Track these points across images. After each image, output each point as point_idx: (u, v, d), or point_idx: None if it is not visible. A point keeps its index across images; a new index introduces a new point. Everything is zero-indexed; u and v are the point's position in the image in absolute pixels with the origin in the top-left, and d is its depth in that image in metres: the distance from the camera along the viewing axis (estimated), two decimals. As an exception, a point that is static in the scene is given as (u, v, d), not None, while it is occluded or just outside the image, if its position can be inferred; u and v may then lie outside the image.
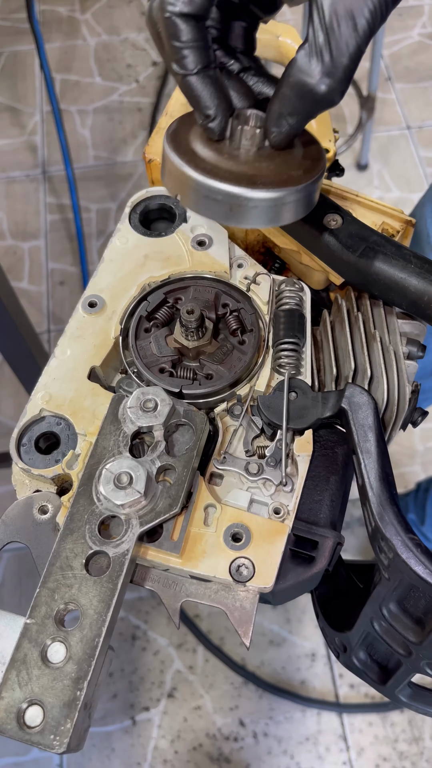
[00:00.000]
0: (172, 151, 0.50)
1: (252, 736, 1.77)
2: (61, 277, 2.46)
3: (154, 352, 0.61)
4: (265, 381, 0.60)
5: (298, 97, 0.46)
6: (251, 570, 0.52)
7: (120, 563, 0.49)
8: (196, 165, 0.49)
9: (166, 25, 0.45)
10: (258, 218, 0.50)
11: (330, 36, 0.43)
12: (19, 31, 3.06)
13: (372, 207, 0.68)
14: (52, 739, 0.44)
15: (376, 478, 0.51)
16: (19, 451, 0.58)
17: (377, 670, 0.63)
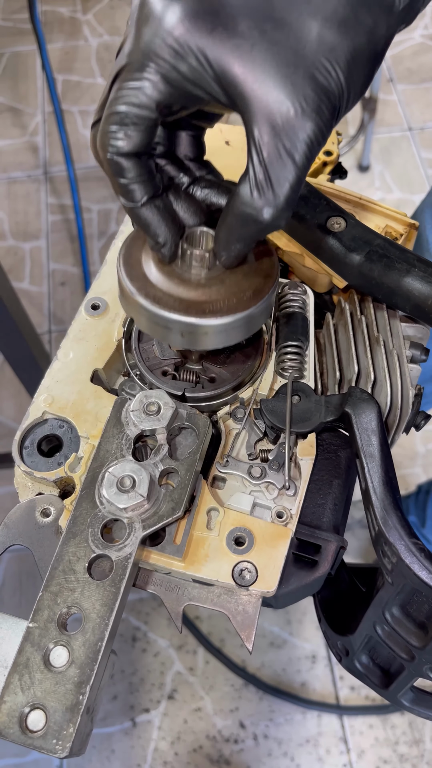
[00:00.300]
0: (125, 278, 0.51)
1: (252, 738, 1.77)
2: (63, 277, 2.46)
3: (156, 354, 0.61)
4: (268, 384, 0.60)
5: (243, 226, 0.46)
6: (254, 574, 0.52)
7: (123, 567, 0.49)
8: (147, 293, 0.50)
9: (110, 165, 0.45)
10: (209, 342, 0.51)
11: (270, 171, 0.43)
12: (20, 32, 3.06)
13: (375, 210, 0.68)
14: (55, 743, 0.44)
15: (380, 482, 0.51)
16: (22, 454, 0.58)
17: (379, 674, 0.63)
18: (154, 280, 0.51)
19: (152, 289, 0.50)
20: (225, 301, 0.50)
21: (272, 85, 0.42)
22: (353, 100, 0.45)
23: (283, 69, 0.41)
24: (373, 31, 0.43)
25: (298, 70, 0.42)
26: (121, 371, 0.64)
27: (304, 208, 0.63)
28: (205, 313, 0.49)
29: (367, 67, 0.44)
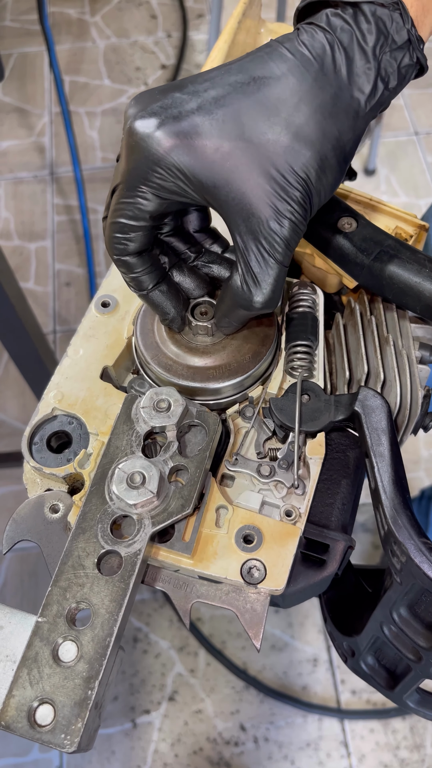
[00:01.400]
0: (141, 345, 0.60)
1: (253, 740, 1.77)
2: (68, 278, 2.46)
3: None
4: (278, 383, 0.60)
5: (237, 310, 0.53)
6: (263, 572, 0.52)
7: (132, 563, 0.49)
8: (159, 361, 0.59)
9: (118, 264, 0.53)
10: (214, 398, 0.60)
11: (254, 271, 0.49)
12: (28, 33, 3.07)
13: (385, 211, 0.68)
14: (63, 738, 0.44)
15: (390, 481, 0.51)
16: (31, 450, 0.58)
17: (385, 676, 0.63)
18: (164, 348, 0.59)
19: (164, 357, 0.59)
20: (227, 365, 0.58)
21: (248, 196, 0.47)
22: (325, 198, 0.50)
23: (256, 180, 0.47)
24: (339, 138, 0.48)
25: (270, 182, 0.47)
26: (130, 369, 0.64)
27: (315, 208, 0.63)
28: (209, 379, 0.58)
29: (335, 170, 0.49)
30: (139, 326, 0.61)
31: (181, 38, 3.05)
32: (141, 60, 2.99)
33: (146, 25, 3.10)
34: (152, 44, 3.04)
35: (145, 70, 2.96)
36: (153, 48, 3.03)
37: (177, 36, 3.06)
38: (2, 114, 2.87)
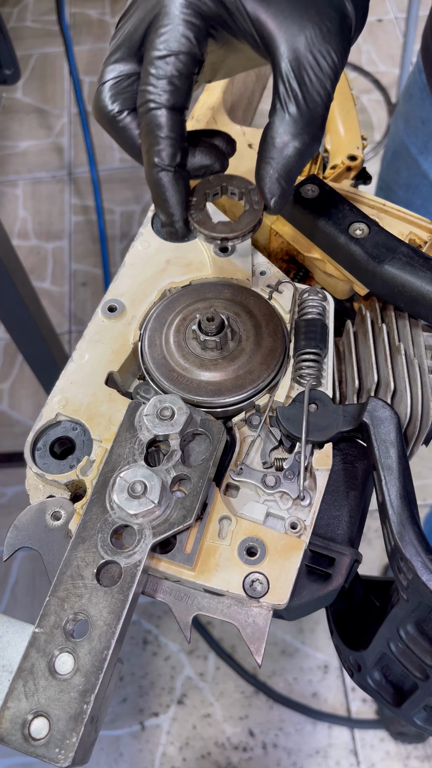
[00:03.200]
0: (148, 357, 0.60)
1: (261, 746, 1.75)
2: (84, 278, 2.47)
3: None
4: (285, 392, 0.59)
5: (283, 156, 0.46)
6: (265, 585, 0.51)
7: (132, 574, 0.48)
8: (166, 374, 0.59)
9: (150, 117, 0.45)
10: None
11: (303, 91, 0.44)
12: (49, 33, 3.08)
13: (399, 216, 0.67)
14: (57, 752, 0.43)
15: (397, 495, 0.50)
16: (34, 456, 0.57)
17: (392, 692, 0.61)
18: (171, 361, 0.59)
19: (170, 371, 0.59)
20: (234, 382, 0.58)
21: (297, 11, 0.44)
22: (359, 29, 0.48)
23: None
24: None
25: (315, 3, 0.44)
26: (136, 374, 0.63)
27: (327, 213, 0.62)
28: (215, 394, 0.57)
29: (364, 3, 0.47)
30: (147, 337, 0.61)
31: (200, 39, 3.04)
32: (160, 60, 2.99)
33: (166, 25, 3.10)
34: (172, 45, 3.04)
35: (165, 71, 2.96)
36: (172, 48, 3.03)
37: (197, 36, 3.06)
38: (22, 114, 2.89)
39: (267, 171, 0.47)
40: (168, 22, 0.43)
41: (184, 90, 0.44)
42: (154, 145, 0.45)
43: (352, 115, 0.81)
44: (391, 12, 3.13)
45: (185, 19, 0.43)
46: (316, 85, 0.44)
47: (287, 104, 0.45)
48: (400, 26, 3.04)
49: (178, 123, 0.45)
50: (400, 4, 3.08)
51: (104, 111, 0.47)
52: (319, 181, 0.64)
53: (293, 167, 0.47)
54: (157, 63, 0.43)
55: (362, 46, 3.01)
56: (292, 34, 0.44)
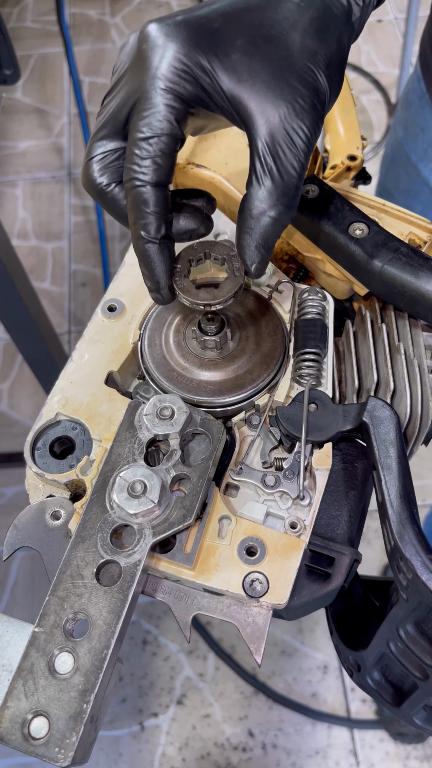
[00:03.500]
0: (148, 357, 0.60)
1: (261, 747, 1.75)
2: (83, 278, 2.47)
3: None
4: (285, 391, 0.59)
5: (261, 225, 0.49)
6: (265, 585, 0.51)
7: (131, 574, 0.48)
8: (166, 374, 0.58)
9: (136, 194, 0.47)
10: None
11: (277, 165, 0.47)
12: (48, 34, 3.09)
13: (399, 216, 0.67)
14: (57, 752, 0.43)
15: (397, 495, 0.50)
16: (34, 455, 0.57)
17: (392, 692, 0.61)
18: (171, 360, 0.59)
19: (170, 370, 0.59)
20: (233, 381, 0.58)
21: (272, 90, 0.47)
22: (332, 99, 0.50)
23: (278, 75, 0.47)
24: (340, 38, 0.50)
25: (291, 75, 0.47)
26: (136, 374, 0.63)
27: (326, 213, 0.62)
28: (215, 393, 0.57)
29: (339, 69, 0.50)
30: (147, 337, 0.61)
31: (200, 39, 3.04)
32: (160, 61, 2.99)
33: (166, 26, 3.10)
34: (172, 45, 3.04)
35: (164, 71, 2.96)
36: (172, 49, 3.03)
37: (196, 37, 3.06)
38: (22, 114, 2.89)
39: (246, 240, 0.50)
40: (149, 106, 0.46)
41: (167, 167, 0.47)
42: (140, 219, 0.48)
43: (351, 115, 0.81)
44: (390, 12, 3.13)
45: (166, 103, 0.46)
46: (290, 159, 0.47)
47: (263, 178, 0.48)
48: (399, 27, 3.04)
49: (162, 198, 0.48)
50: (400, 4, 3.08)
51: (93, 184, 0.50)
52: (319, 181, 0.64)
53: (270, 235, 0.50)
54: (140, 144, 0.46)
55: (362, 47, 3.01)
56: (266, 112, 0.47)
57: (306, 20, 0.48)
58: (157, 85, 0.46)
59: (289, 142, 0.47)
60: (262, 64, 0.47)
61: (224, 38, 0.47)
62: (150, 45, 0.46)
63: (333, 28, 0.49)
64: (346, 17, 0.50)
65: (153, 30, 0.46)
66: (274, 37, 0.47)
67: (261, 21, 0.48)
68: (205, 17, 0.47)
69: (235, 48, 0.47)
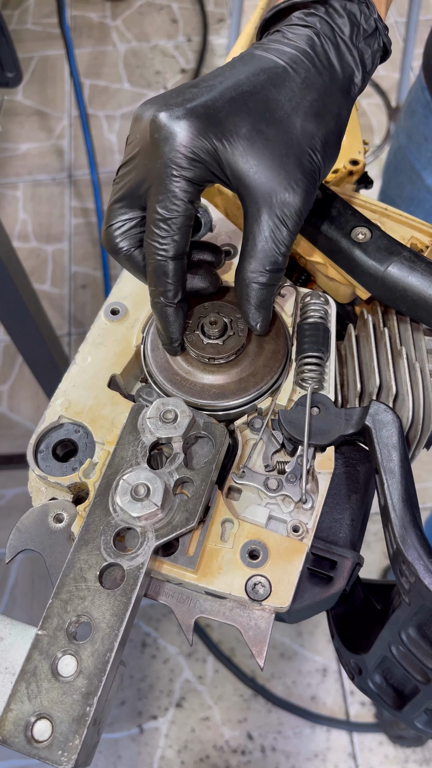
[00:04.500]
0: (151, 360, 0.61)
1: (260, 750, 1.75)
2: (84, 280, 2.47)
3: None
4: (287, 395, 0.59)
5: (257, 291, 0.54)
6: (268, 588, 0.51)
7: (134, 577, 0.48)
8: (169, 378, 0.59)
9: (156, 266, 0.53)
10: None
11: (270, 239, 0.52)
12: (49, 36, 3.09)
13: (401, 221, 0.67)
14: (60, 754, 0.43)
15: (399, 499, 0.50)
16: (36, 458, 0.57)
17: (393, 695, 0.62)
18: (174, 364, 0.60)
19: (173, 374, 0.59)
20: (236, 384, 0.59)
21: (271, 174, 0.51)
22: (326, 171, 0.54)
23: (278, 160, 0.51)
24: (339, 115, 0.53)
25: (289, 159, 0.51)
26: (138, 377, 0.63)
27: (329, 217, 0.62)
28: (218, 397, 0.58)
29: (337, 144, 0.54)
30: (150, 341, 0.61)
31: (201, 42, 3.05)
32: (161, 64, 3.00)
33: (167, 29, 3.11)
34: (172, 48, 3.05)
35: (165, 74, 2.97)
36: (173, 52, 3.04)
37: (197, 40, 3.07)
38: (22, 116, 2.90)
39: (246, 306, 0.55)
40: (164, 191, 0.50)
41: (183, 242, 0.52)
42: (160, 286, 0.54)
43: (353, 119, 0.82)
44: (391, 16, 3.14)
45: (179, 188, 0.50)
46: (279, 236, 0.52)
47: (253, 252, 0.52)
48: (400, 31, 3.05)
49: (180, 269, 0.53)
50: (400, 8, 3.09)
51: (116, 248, 0.56)
52: (321, 186, 0.64)
53: (265, 298, 0.55)
54: (159, 224, 0.51)
55: (362, 51, 3.01)
56: (264, 196, 0.51)
57: (307, 103, 0.52)
58: (170, 173, 0.50)
59: (280, 222, 0.51)
60: (264, 150, 0.50)
61: (230, 127, 0.50)
62: (162, 136, 0.49)
63: (332, 106, 0.53)
64: (347, 91, 0.54)
65: (164, 119, 0.49)
66: (277, 122, 0.51)
67: (265, 105, 0.51)
68: (212, 106, 0.50)
69: (240, 135, 0.50)
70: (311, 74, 0.52)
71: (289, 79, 0.51)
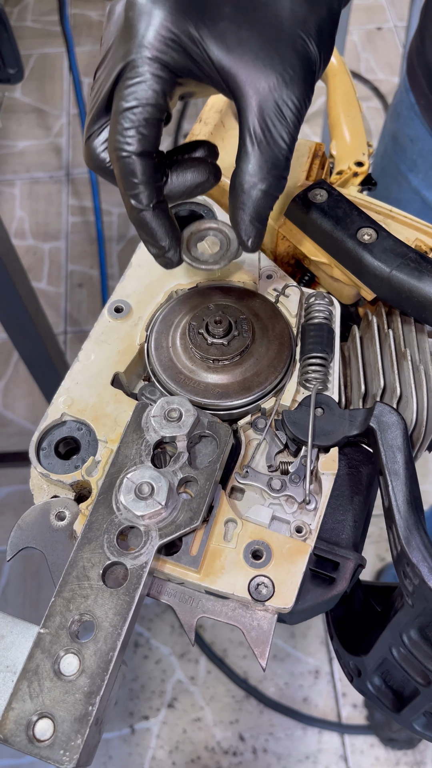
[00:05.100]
0: (155, 358, 0.60)
1: (251, 751, 1.75)
2: (80, 279, 2.46)
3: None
4: (291, 395, 0.59)
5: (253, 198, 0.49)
6: (271, 589, 0.51)
7: (138, 576, 0.48)
8: (172, 376, 0.59)
9: (122, 166, 0.47)
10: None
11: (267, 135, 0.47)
12: (49, 34, 3.08)
13: (406, 223, 0.67)
14: (62, 754, 0.43)
15: (404, 500, 0.50)
16: (39, 455, 0.57)
17: (392, 697, 0.62)
18: (178, 362, 0.59)
19: (177, 373, 0.59)
20: (241, 384, 0.58)
21: (261, 60, 0.46)
22: (323, 66, 0.49)
23: (268, 44, 0.46)
24: (330, 3, 0.48)
25: (280, 44, 0.46)
26: (141, 375, 0.63)
27: (335, 217, 0.62)
28: (222, 396, 0.57)
29: (330, 36, 0.49)
30: (154, 339, 0.61)
31: (201, 43, 3.04)
32: (160, 63, 2.99)
33: (166, 28, 3.10)
34: (172, 48, 3.04)
35: (164, 74, 2.96)
36: (172, 52, 3.03)
37: (197, 40, 3.06)
38: (21, 114, 2.89)
39: (240, 216, 0.50)
40: (135, 75, 0.45)
41: (152, 136, 0.47)
42: (129, 189, 0.48)
43: (357, 121, 0.82)
44: (390, 20, 3.15)
45: (152, 72, 0.45)
46: (280, 130, 0.47)
47: (252, 151, 0.47)
48: (399, 35, 3.06)
49: (149, 166, 0.47)
50: (400, 12, 3.10)
51: (97, 161, 0.51)
52: (327, 186, 0.64)
53: (263, 208, 0.50)
54: (125, 114, 0.46)
55: (361, 54, 3.03)
56: (256, 83, 0.46)
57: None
58: (143, 54, 0.45)
59: (278, 113, 0.46)
60: (251, 33, 0.46)
61: (212, 6, 0.45)
62: (136, 12, 0.45)
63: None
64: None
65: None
66: (263, 4, 0.46)
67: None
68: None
69: (223, 15, 0.45)
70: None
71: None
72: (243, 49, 0.45)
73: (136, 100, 0.45)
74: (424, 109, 0.97)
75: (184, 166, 0.52)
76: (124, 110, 0.46)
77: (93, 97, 0.49)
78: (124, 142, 0.46)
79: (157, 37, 0.45)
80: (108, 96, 0.48)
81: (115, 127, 0.46)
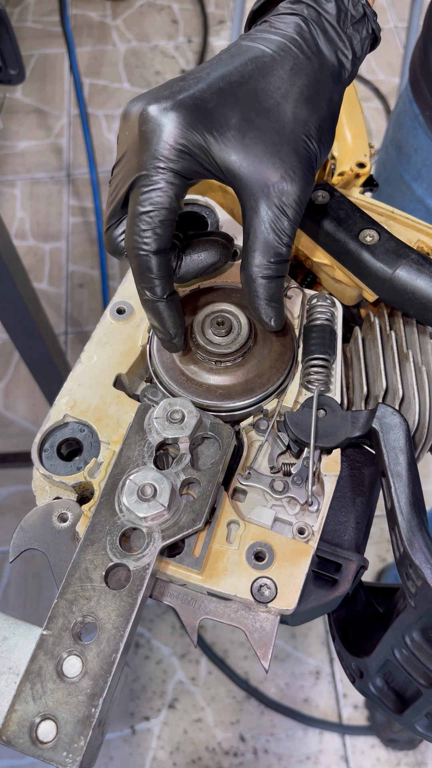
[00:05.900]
0: (157, 360, 0.60)
1: (252, 752, 1.75)
2: (81, 279, 2.46)
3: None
4: (293, 396, 0.59)
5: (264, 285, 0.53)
6: (273, 591, 0.51)
7: (140, 577, 0.48)
8: (175, 378, 0.59)
9: (139, 262, 0.51)
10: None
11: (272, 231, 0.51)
12: (50, 34, 3.08)
13: (408, 224, 0.67)
14: (65, 756, 0.43)
15: (407, 502, 0.50)
16: (41, 457, 0.57)
17: (394, 699, 0.61)
18: (180, 364, 0.59)
19: (179, 374, 0.59)
20: (243, 386, 0.58)
21: (265, 165, 0.50)
22: (323, 158, 0.53)
23: (271, 149, 0.50)
24: (331, 100, 0.52)
25: (282, 148, 0.50)
26: (144, 377, 0.63)
27: (337, 219, 0.62)
28: (224, 398, 0.58)
29: (331, 130, 0.53)
30: (156, 340, 0.61)
31: (201, 44, 3.05)
32: (161, 64, 3.00)
33: (167, 29, 3.11)
34: (173, 49, 3.05)
35: (165, 75, 2.97)
36: (173, 53, 3.04)
37: (197, 41, 3.07)
38: (21, 114, 2.89)
39: (257, 302, 0.54)
40: (150, 183, 0.49)
41: (166, 235, 0.50)
42: (146, 283, 0.52)
43: (359, 122, 0.82)
44: (391, 21, 3.15)
45: (166, 180, 0.49)
46: (282, 226, 0.51)
47: (256, 247, 0.51)
48: (400, 36, 3.06)
49: (164, 263, 0.51)
50: (401, 13, 3.10)
51: (118, 251, 0.55)
52: (329, 188, 0.64)
53: (274, 291, 0.54)
54: (142, 217, 0.50)
55: (362, 55, 3.02)
56: (259, 186, 0.50)
57: (297, 90, 0.51)
58: (156, 165, 0.49)
59: (279, 212, 0.50)
60: (255, 140, 0.49)
61: (219, 118, 0.49)
62: (150, 127, 0.49)
63: (323, 92, 0.52)
64: (337, 77, 0.53)
65: (153, 111, 0.48)
66: (267, 111, 0.50)
67: (254, 95, 0.50)
68: (200, 97, 0.49)
69: (229, 126, 0.49)
70: (300, 61, 0.51)
71: (277, 67, 0.51)
72: (248, 155, 0.49)
73: (152, 205, 0.49)
74: (428, 120, 0.97)
75: (198, 249, 0.56)
76: (141, 214, 0.50)
77: (111, 194, 0.54)
78: (142, 242, 0.50)
79: (169, 149, 0.48)
80: (124, 197, 0.52)
81: (132, 228, 0.50)
